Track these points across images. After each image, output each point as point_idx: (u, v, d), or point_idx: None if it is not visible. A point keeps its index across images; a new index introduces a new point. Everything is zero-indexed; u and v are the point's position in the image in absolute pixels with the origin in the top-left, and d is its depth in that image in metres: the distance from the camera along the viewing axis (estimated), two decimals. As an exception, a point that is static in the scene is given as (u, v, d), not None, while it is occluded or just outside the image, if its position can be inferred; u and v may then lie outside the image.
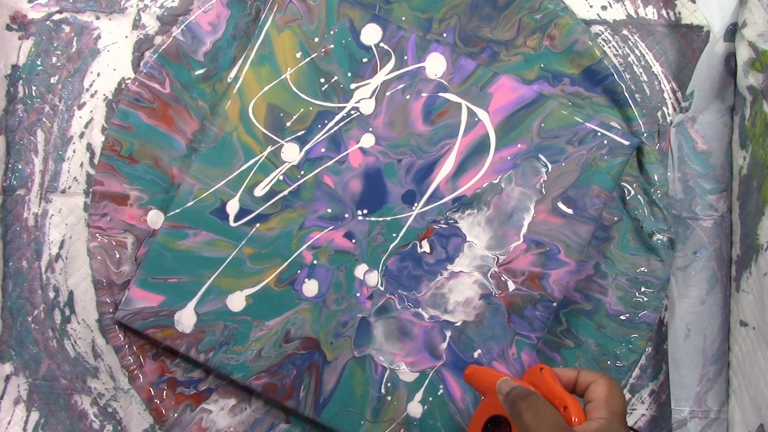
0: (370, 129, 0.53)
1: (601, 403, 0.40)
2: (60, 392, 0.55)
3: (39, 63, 0.55)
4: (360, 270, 0.53)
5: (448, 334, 0.53)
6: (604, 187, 0.53)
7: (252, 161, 0.53)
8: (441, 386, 0.53)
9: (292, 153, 0.53)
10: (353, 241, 0.53)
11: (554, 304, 0.53)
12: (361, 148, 0.53)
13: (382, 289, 0.53)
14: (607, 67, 0.53)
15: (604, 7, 0.55)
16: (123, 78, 0.55)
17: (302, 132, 0.53)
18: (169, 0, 0.55)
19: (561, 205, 0.53)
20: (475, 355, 0.52)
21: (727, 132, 0.54)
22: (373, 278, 0.53)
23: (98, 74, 0.55)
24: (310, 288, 0.53)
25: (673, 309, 0.54)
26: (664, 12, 0.55)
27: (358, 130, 0.53)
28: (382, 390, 0.53)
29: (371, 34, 0.53)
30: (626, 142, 0.52)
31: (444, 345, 0.53)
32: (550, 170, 0.53)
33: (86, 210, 0.55)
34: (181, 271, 0.52)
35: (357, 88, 0.53)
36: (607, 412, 0.39)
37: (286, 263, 0.53)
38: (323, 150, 0.53)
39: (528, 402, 0.39)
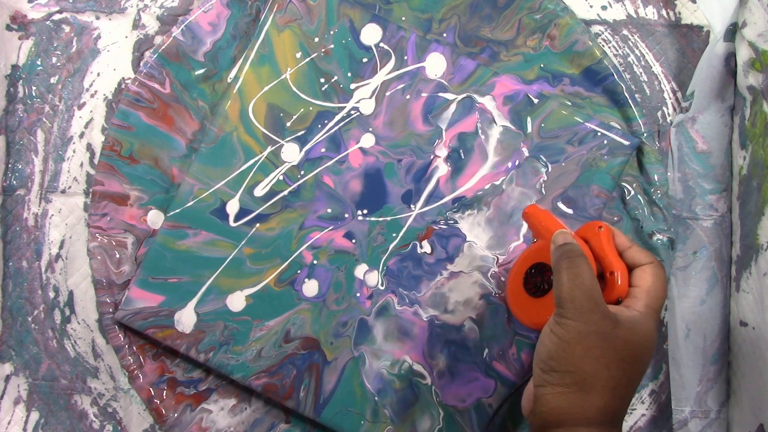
0: (370, 129, 0.53)
1: (641, 293, 0.39)
2: (60, 392, 0.55)
3: (39, 63, 0.55)
4: (360, 270, 0.53)
5: (448, 335, 0.53)
6: (604, 187, 0.53)
7: (252, 161, 0.53)
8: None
9: (292, 153, 0.53)
10: (353, 241, 0.53)
11: (554, 304, 0.53)
12: (361, 148, 0.53)
13: (383, 288, 0.53)
14: (607, 67, 0.53)
15: (604, 7, 0.55)
16: (123, 78, 0.55)
17: (302, 132, 0.53)
18: (169, 0, 0.55)
19: (561, 205, 0.53)
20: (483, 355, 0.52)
21: (727, 132, 0.54)
22: (373, 278, 0.53)
23: (98, 74, 0.55)
24: (310, 288, 0.53)
25: (673, 309, 0.54)
26: (664, 12, 0.55)
27: (358, 130, 0.53)
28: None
29: (371, 34, 0.53)
30: (626, 142, 0.52)
31: (442, 346, 0.53)
32: (550, 170, 0.53)
33: (86, 210, 0.55)
34: (181, 271, 0.52)
35: (357, 88, 0.53)
36: (644, 304, 0.39)
37: (286, 263, 0.53)
38: (323, 150, 0.53)
39: (573, 262, 0.38)
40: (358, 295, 0.53)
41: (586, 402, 0.36)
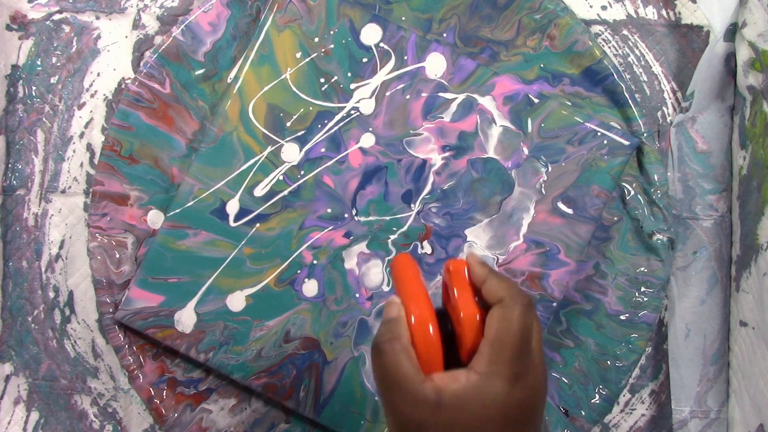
0: (370, 129, 0.53)
1: (485, 347, 0.32)
2: (60, 392, 0.55)
3: (39, 63, 0.55)
4: (350, 258, 0.53)
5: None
6: (604, 187, 0.53)
7: (252, 161, 0.53)
8: None
9: (292, 153, 0.53)
10: (353, 240, 0.53)
11: (554, 304, 0.53)
12: (361, 148, 0.53)
13: (388, 289, 0.53)
14: (607, 67, 0.53)
15: (604, 7, 0.55)
16: (123, 78, 0.55)
17: (302, 132, 0.53)
18: (169, 0, 0.55)
19: (561, 205, 0.53)
20: None
21: (727, 132, 0.54)
22: (376, 276, 0.53)
23: (98, 74, 0.55)
24: (310, 288, 0.53)
25: (673, 309, 0.54)
26: (664, 12, 0.55)
27: (358, 130, 0.53)
28: None
29: (371, 34, 0.53)
30: (626, 142, 0.52)
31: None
32: (550, 170, 0.53)
33: (86, 210, 0.55)
34: (181, 271, 0.52)
35: (357, 88, 0.53)
36: (487, 362, 0.31)
37: (286, 263, 0.53)
38: (323, 150, 0.53)
39: (377, 350, 0.33)
40: (357, 295, 0.53)
41: None
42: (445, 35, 0.54)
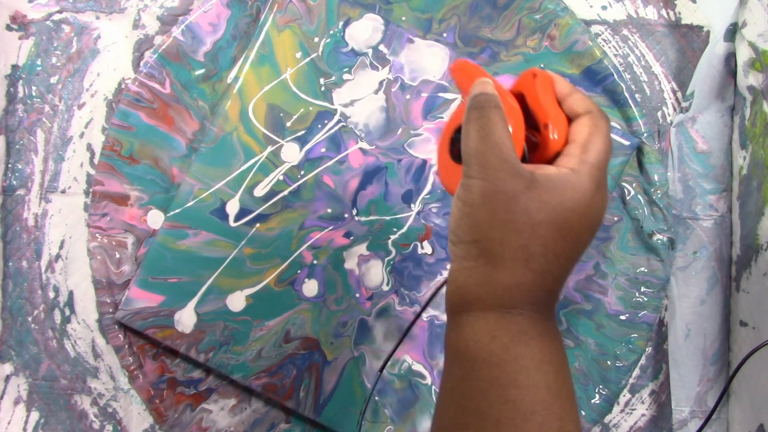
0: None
1: (575, 149, 0.33)
2: (60, 392, 0.55)
3: (39, 63, 0.55)
4: (351, 259, 0.53)
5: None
6: (604, 187, 0.53)
7: (252, 161, 0.53)
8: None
9: (292, 153, 0.53)
10: (353, 240, 0.53)
11: (554, 304, 0.53)
12: (361, 148, 0.53)
13: (388, 288, 0.53)
14: (607, 67, 0.53)
15: (604, 7, 0.55)
16: (123, 78, 0.55)
17: (302, 132, 0.53)
18: (169, 0, 0.55)
19: (561, 205, 0.53)
20: None
21: (727, 132, 0.54)
22: (377, 275, 0.53)
23: (98, 74, 0.55)
24: (310, 288, 0.53)
25: (673, 309, 0.54)
26: (664, 12, 0.55)
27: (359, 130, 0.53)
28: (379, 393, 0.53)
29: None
30: (626, 142, 0.52)
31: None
32: (550, 170, 0.53)
33: (86, 210, 0.55)
34: (181, 271, 0.52)
35: (357, 88, 0.53)
36: (578, 161, 0.32)
37: (286, 263, 0.53)
38: (323, 150, 0.53)
39: (481, 113, 0.33)
40: (357, 295, 0.53)
41: (494, 278, 0.31)
42: (445, 35, 0.54)
